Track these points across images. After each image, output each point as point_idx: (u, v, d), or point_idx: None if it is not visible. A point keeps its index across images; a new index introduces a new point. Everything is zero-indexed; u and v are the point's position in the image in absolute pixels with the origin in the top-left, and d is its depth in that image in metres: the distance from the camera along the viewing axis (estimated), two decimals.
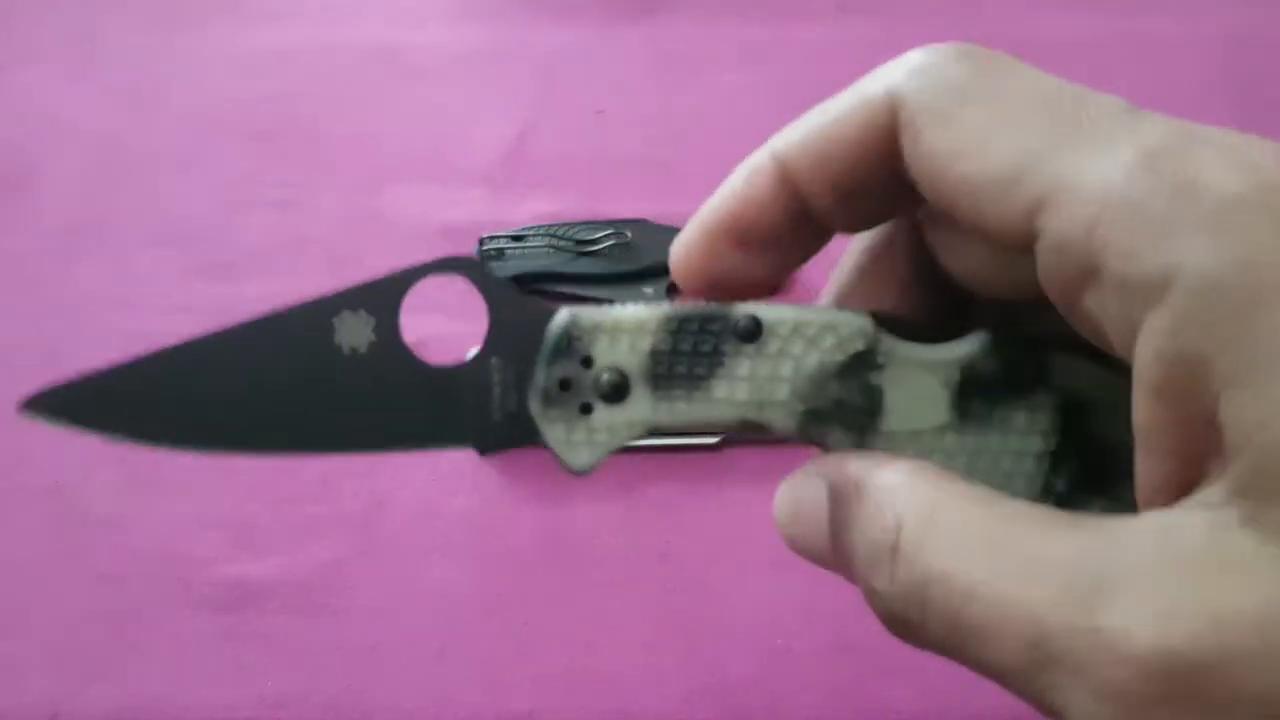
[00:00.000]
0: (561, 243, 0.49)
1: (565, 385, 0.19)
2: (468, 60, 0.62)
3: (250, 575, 0.40)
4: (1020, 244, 0.16)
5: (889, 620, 0.17)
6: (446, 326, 0.48)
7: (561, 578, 0.40)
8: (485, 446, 0.20)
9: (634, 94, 0.60)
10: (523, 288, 0.49)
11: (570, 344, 0.19)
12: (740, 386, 0.19)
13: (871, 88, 0.18)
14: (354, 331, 0.20)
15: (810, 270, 0.21)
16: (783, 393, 0.19)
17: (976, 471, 0.19)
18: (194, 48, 0.63)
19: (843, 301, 0.22)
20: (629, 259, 0.49)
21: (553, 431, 0.19)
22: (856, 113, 0.18)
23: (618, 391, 0.19)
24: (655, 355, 0.19)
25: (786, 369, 0.19)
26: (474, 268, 0.20)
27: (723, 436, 0.43)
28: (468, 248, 0.50)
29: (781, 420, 0.19)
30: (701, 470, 0.43)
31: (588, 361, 0.19)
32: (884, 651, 0.38)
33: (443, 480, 0.42)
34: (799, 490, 0.19)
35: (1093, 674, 0.13)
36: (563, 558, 0.40)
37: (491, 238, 0.50)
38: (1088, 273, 0.15)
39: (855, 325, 0.19)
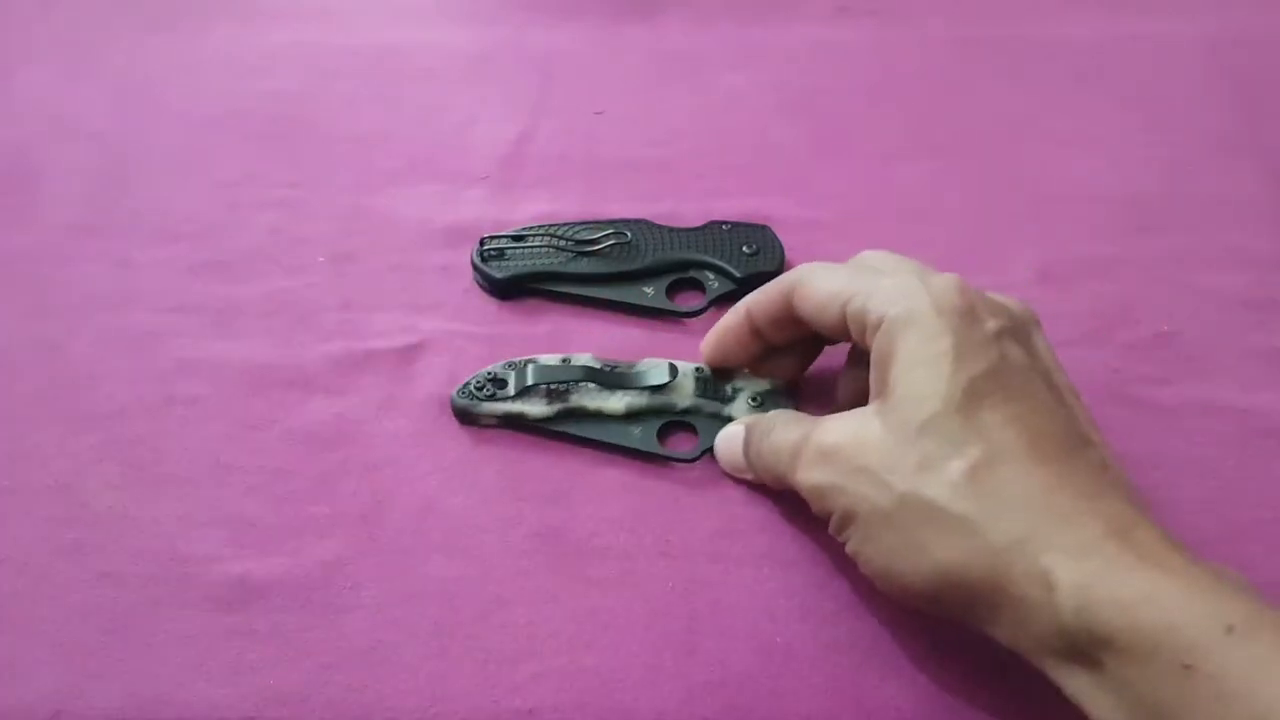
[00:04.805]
0: (561, 243, 0.50)
1: None
2: (467, 60, 0.62)
3: (251, 574, 0.40)
4: (841, 328, 0.37)
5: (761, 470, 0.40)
6: (447, 326, 0.48)
7: (561, 577, 0.40)
8: None
9: (634, 94, 0.60)
10: (523, 288, 0.49)
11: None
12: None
13: (789, 275, 0.39)
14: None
15: None
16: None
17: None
18: (194, 48, 0.63)
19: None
20: (629, 259, 0.49)
21: None
22: (778, 286, 0.40)
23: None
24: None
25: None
26: None
27: None
28: (467, 248, 0.50)
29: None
30: (701, 470, 0.43)
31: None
32: (884, 651, 0.39)
33: (443, 479, 0.43)
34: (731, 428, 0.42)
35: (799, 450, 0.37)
36: (563, 557, 0.40)
37: (491, 238, 0.50)
38: (862, 328, 0.36)
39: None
